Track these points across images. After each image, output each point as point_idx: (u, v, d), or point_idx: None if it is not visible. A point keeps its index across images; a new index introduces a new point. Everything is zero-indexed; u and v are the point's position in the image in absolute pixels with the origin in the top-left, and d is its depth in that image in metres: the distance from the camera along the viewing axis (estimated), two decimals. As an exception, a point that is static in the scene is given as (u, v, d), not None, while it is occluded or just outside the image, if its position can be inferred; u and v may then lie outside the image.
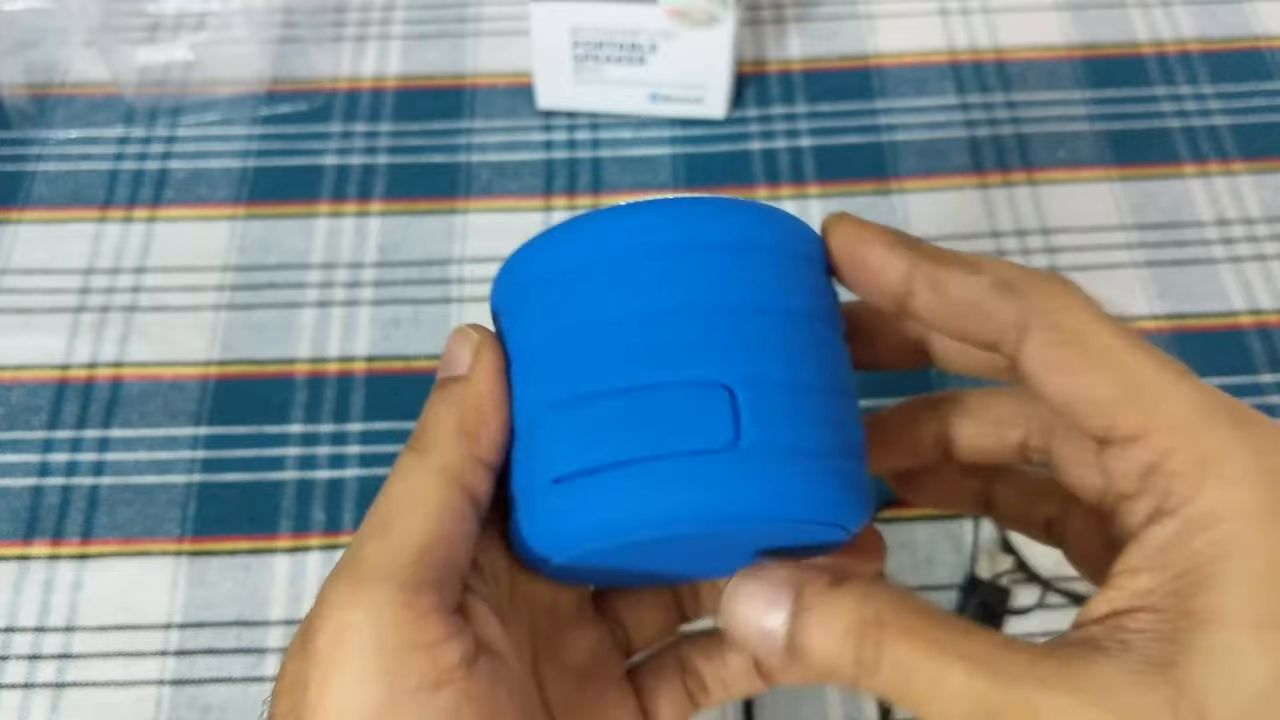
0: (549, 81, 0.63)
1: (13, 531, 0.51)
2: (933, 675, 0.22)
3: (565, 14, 0.59)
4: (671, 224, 0.25)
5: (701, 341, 0.24)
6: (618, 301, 0.24)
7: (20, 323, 0.57)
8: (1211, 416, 0.23)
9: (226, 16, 0.64)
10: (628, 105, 0.63)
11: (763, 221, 0.26)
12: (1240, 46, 0.67)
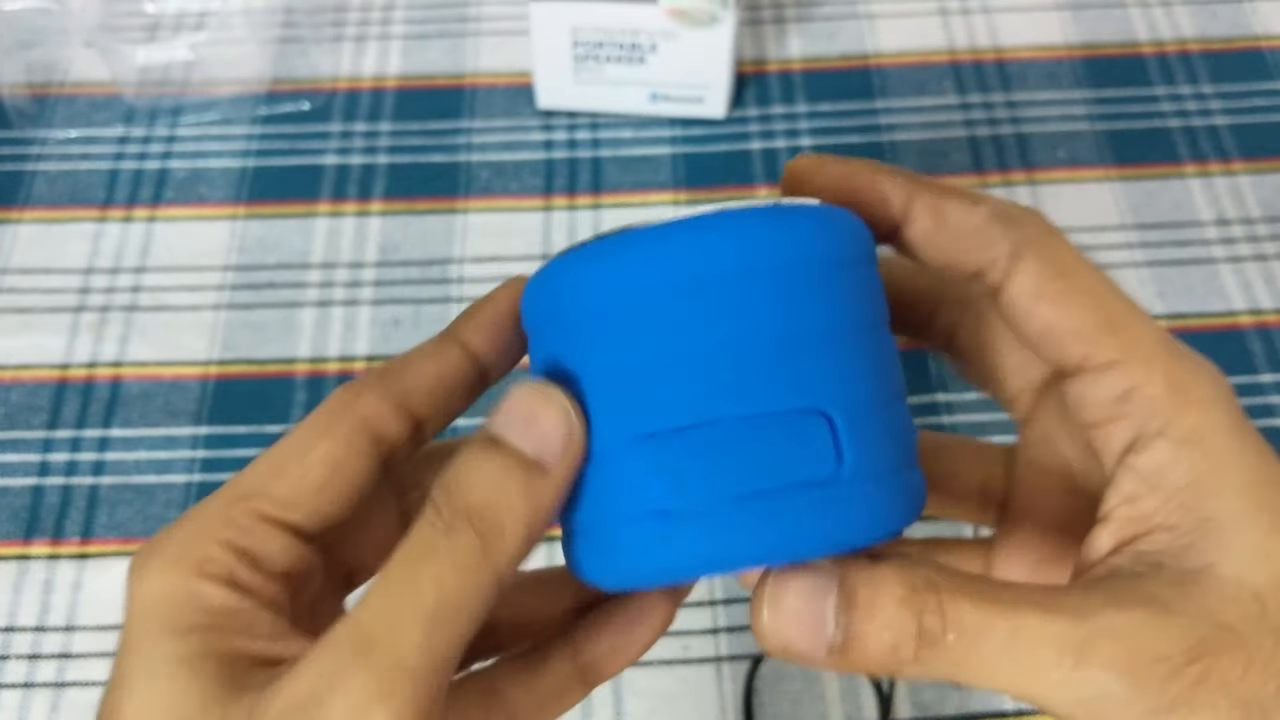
0: (549, 81, 0.62)
1: (13, 531, 0.51)
2: (1007, 628, 0.22)
3: (565, 14, 0.59)
4: (737, 242, 0.23)
5: (791, 366, 0.23)
6: (695, 328, 0.23)
7: (20, 323, 0.57)
8: (1176, 349, 0.25)
9: (226, 16, 0.64)
10: (628, 105, 0.63)
11: (825, 229, 0.24)
12: (1240, 46, 0.67)
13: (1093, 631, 0.22)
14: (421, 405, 0.26)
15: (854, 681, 0.47)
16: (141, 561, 0.25)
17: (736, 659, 0.48)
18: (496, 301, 0.28)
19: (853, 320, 0.24)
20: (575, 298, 0.24)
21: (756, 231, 0.23)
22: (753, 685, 0.47)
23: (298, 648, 0.24)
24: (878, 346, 0.25)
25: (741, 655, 0.48)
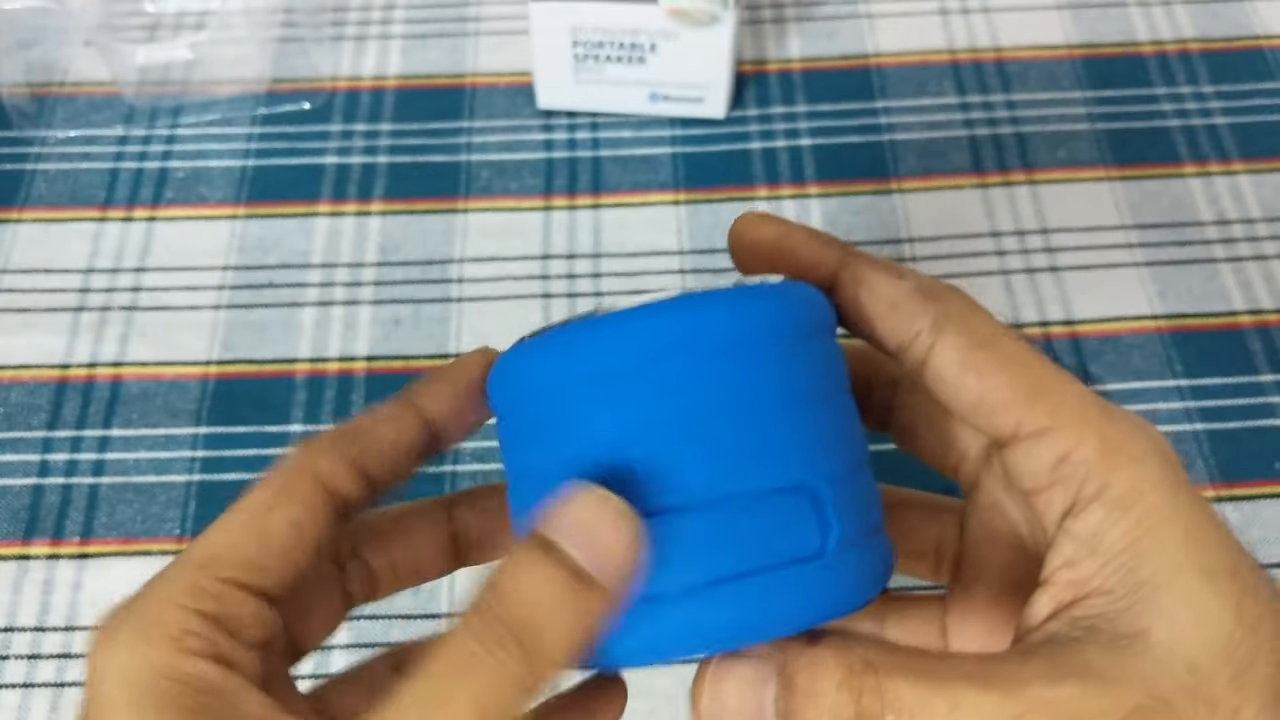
0: (549, 81, 0.63)
1: (12, 531, 0.51)
2: (945, 705, 0.22)
3: (565, 14, 0.59)
4: (704, 325, 0.23)
5: (769, 444, 0.23)
6: (669, 412, 0.23)
7: (20, 323, 0.57)
8: (1108, 410, 0.25)
9: (226, 16, 0.64)
10: (628, 105, 0.63)
11: (785, 306, 0.25)
12: (1240, 46, 0.67)
13: (1027, 706, 0.22)
14: (377, 469, 0.26)
15: (854, 681, 0.47)
16: (108, 635, 0.23)
17: (736, 659, 0.48)
18: (459, 371, 0.28)
19: (821, 391, 0.25)
20: (545, 383, 0.24)
21: (721, 313, 0.23)
22: (753, 685, 0.47)
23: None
24: (845, 414, 0.26)
25: (741, 655, 0.48)
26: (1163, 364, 0.55)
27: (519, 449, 0.25)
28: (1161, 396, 0.54)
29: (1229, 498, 0.52)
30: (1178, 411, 0.54)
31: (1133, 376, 0.55)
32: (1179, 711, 0.22)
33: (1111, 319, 0.57)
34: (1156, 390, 0.54)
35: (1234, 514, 0.51)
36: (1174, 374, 0.55)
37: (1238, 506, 0.51)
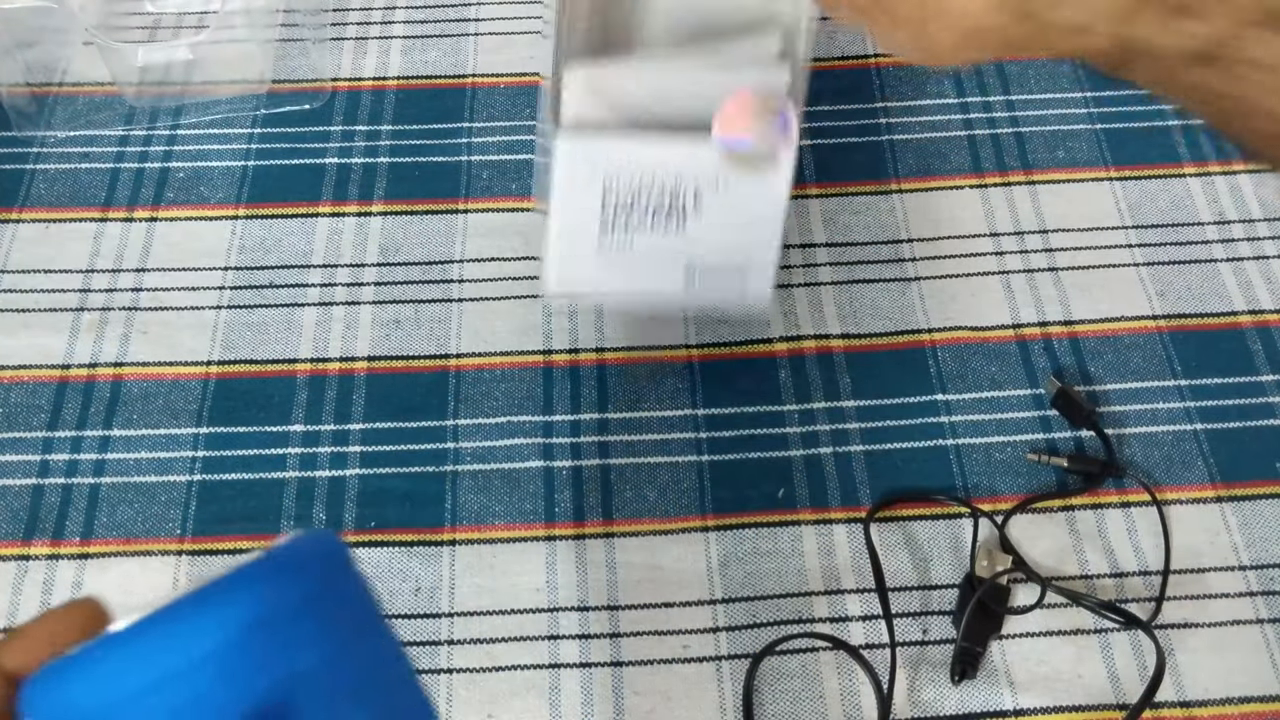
0: (563, 257, 0.51)
1: (13, 531, 0.51)
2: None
3: (598, 154, 0.48)
4: (183, 644, 0.25)
5: (292, 712, 0.25)
6: (208, 701, 0.25)
7: (20, 323, 0.57)
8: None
9: (226, 16, 0.64)
10: (660, 284, 0.53)
11: (293, 571, 0.26)
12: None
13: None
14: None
15: (854, 681, 0.47)
16: None
17: (736, 658, 0.48)
18: (34, 630, 0.28)
19: (332, 648, 0.26)
20: (70, 708, 0.25)
21: (204, 617, 0.25)
22: (752, 684, 0.47)
23: None
24: (367, 652, 0.27)
25: (741, 654, 0.48)
26: (1163, 364, 0.55)
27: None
28: (1161, 396, 0.54)
29: (1229, 498, 0.52)
30: (1178, 411, 0.54)
31: (1133, 376, 0.55)
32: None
33: (1111, 319, 0.57)
34: (1156, 390, 0.54)
35: (1234, 514, 0.51)
36: (1174, 374, 0.55)
37: (1238, 507, 0.51)
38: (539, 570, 0.50)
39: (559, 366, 0.55)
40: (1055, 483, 0.52)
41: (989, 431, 0.53)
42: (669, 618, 0.49)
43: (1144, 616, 0.48)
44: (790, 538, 0.51)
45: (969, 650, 0.47)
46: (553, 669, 0.48)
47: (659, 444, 0.53)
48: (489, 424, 0.54)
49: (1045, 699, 0.47)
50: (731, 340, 0.56)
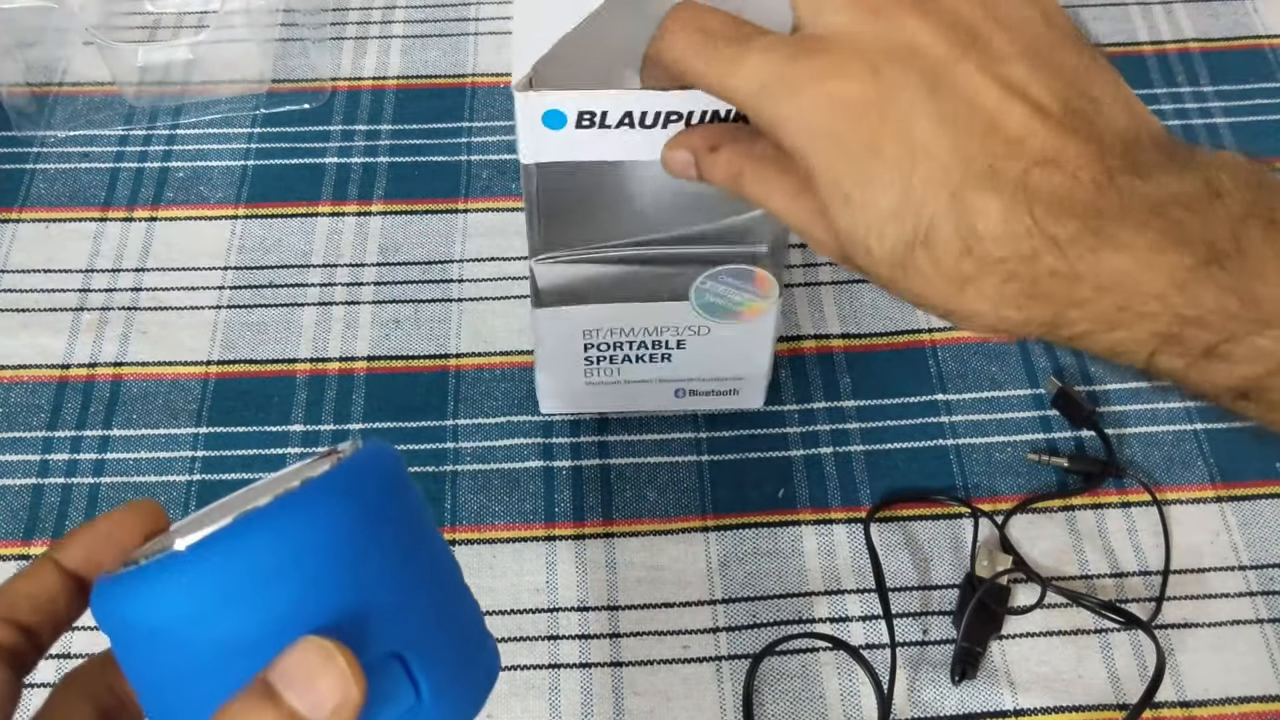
0: (553, 388, 0.53)
1: (12, 531, 0.51)
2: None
3: (575, 318, 0.48)
4: (272, 543, 0.25)
5: (364, 621, 0.25)
6: (274, 620, 0.25)
7: (20, 323, 0.57)
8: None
9: (226, 16, 0.64)
10: (649, 404, 0.53)
11: (341, 497, 0.26)
12: (1240, 46, 0.67)
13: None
14: (28, 618, 0.29)
15: (854, 681, 0.47)
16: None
17: (736, 658, 0.48)
18: (93, 527, 0.30)
19: (400, 555, 0.27)
20: (158, 607, 0.25)
21: (285, 530, 0.25)
22: (752, 684, 0.47)
23: None
24: (427, 564, 0.28)
25: (741, 654, 0.48)
26: (1163, 364, 0.55)
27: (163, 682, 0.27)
28: (1161, 396, 0.54)
29: (1229, 498, 0.52)
30: (1178, 411, 0.54)
31: (1133, 377, 0.55)
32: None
33: (1111, 319, 0.57)
34: (1157, 390, 0.54)
35: (1234, 514, 0.51)
36: (1174, 374, 0.55)
37: (1238, 507, 0.51)
38: (539, 570, 0.50)
39: (559, 366, 0.55)
40: (1055, 483, 0.52)
41: (989, 431, 0.53)
42: (669, 618, 0.49)
43: (1144, 616, 0.48)
44: (790, 538, 0.51)
45: (969, 650, 0.47)
46: (553, 669, 0.48)
47: (659, 444, 0.53)
48: (489, 424, 0.54)
49: (1045, 699, 0.47)
50: (731, 340, 0.56)
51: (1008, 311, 0.29)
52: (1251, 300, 0.27)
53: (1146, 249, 0.27)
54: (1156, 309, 0.27)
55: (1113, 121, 0.29)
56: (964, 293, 0.29)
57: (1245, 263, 0.27)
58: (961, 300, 0.29)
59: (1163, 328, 0.28)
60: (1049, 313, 0.29)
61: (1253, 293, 0.27)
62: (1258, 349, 0.27)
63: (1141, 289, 0.27)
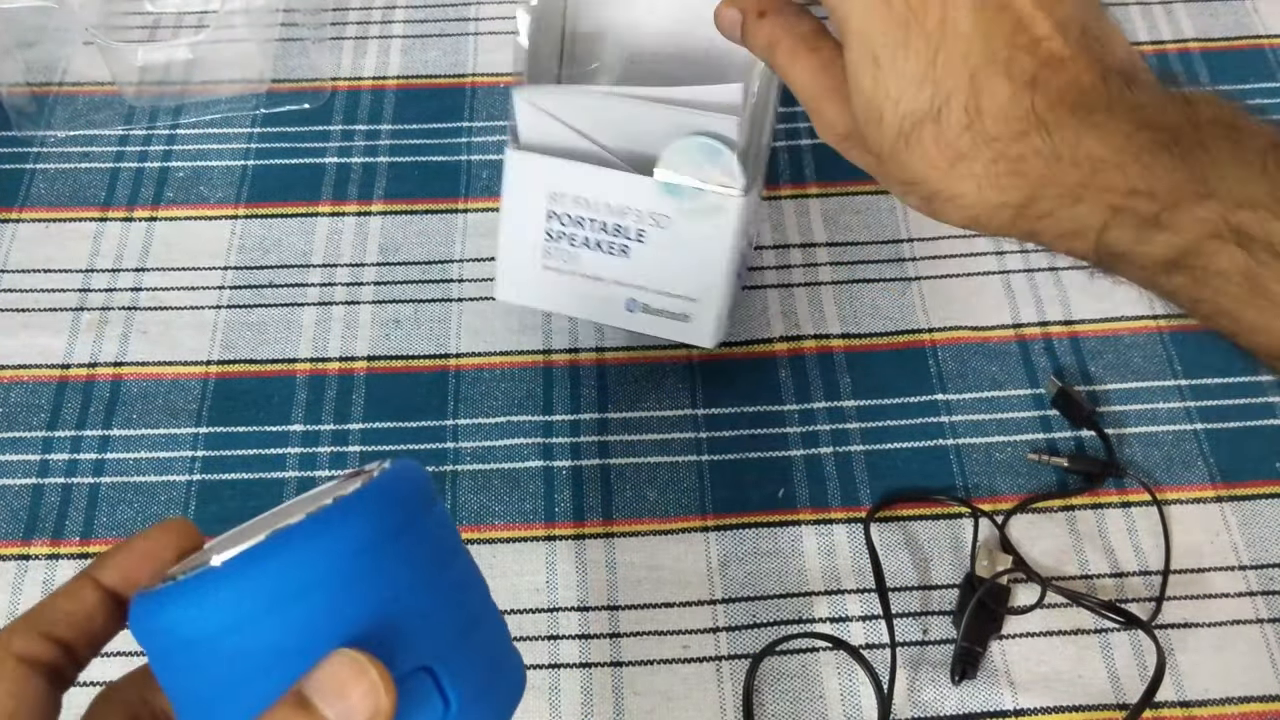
0: (511, 265, 0.52)
1: (12, 531, 0.51)
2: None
3: (544, 171, 0.49)
4: (306, 560, 0.26)
5: (395, 636, 0.26)
6: (309, 637, 0.25)
7: (20, 322, 0.57)
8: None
9: (226, 16, 0.64)
10: (600, 311, 0.53)
11: (373, 513, 0.27)
12: (1240, 46, 0.67)
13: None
14: (67, 634, 0.29)
15: (854, 681, 0.47)
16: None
17: (736, 658, 0.48)
18: (130, 546, 0.30)
19: (431, 569, 0.27)
20: (203, 621, 0.26)
21: (318, 546, 0.26)
22: (752, 684, 0.47)
23: None
24: (460, 577, 0.29)
25: (741, 654, 0.48)
26: (1163, 364, 0.55)
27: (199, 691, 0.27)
28: (1161, 396, 0.54)
29: (1229, 498, 0.52)
30: (1178, 411, 0.54)
31: (1133, 376, 0.55)
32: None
33: (1111, 319, 0.57)
34: (1156, 390, 0.54)
35: (1234, 514, 0.51)
36: (1174, 374, 0.55)
37: (1238, 506, 0.51)
38: (539, 570, 0.50)
39: (559, 366, 0.55)
40: (1055, 483, 0.52)
41: (989, 431, 0.53)
42: (669, 618, 0.49)
43: (1144, 616, 0.48)
44: (790, 538, 0.51)
45: (969, 650, 0.47)
46: (553, 669, 0.48)
47: (659, 444, 0.53)
48: (489, 424, 0.54)
49: (1045, 699, 0.47)
50: (731, 340, 0.56)
51: (988, 192, 0.33)
52: (1199, 175, 0.30)
53: (1118, 133, 0.31)
54: (1116, 180, 0.31)
55: (1116, 52, 0.33)
56: (955, 169, 0.33)
57: (1201, 147, 0.31)
58: (950, 177, 0.33)
59: (1117, 200, 0.31)
60: (1023, 193, 0.33)
61: (1202, 170, 0.30)
62: (1196, 217, 0.30)
63: (1107, 162, 0.31)
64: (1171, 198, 0.31)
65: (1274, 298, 0.30)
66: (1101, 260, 0.33)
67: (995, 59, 0.32)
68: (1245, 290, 0.31)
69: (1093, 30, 0.33)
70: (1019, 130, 0.32)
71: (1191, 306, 0.33)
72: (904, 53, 0.33)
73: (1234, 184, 0.30)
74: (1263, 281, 0.30)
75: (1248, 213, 0.30)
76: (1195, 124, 0.31)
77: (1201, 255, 0.31)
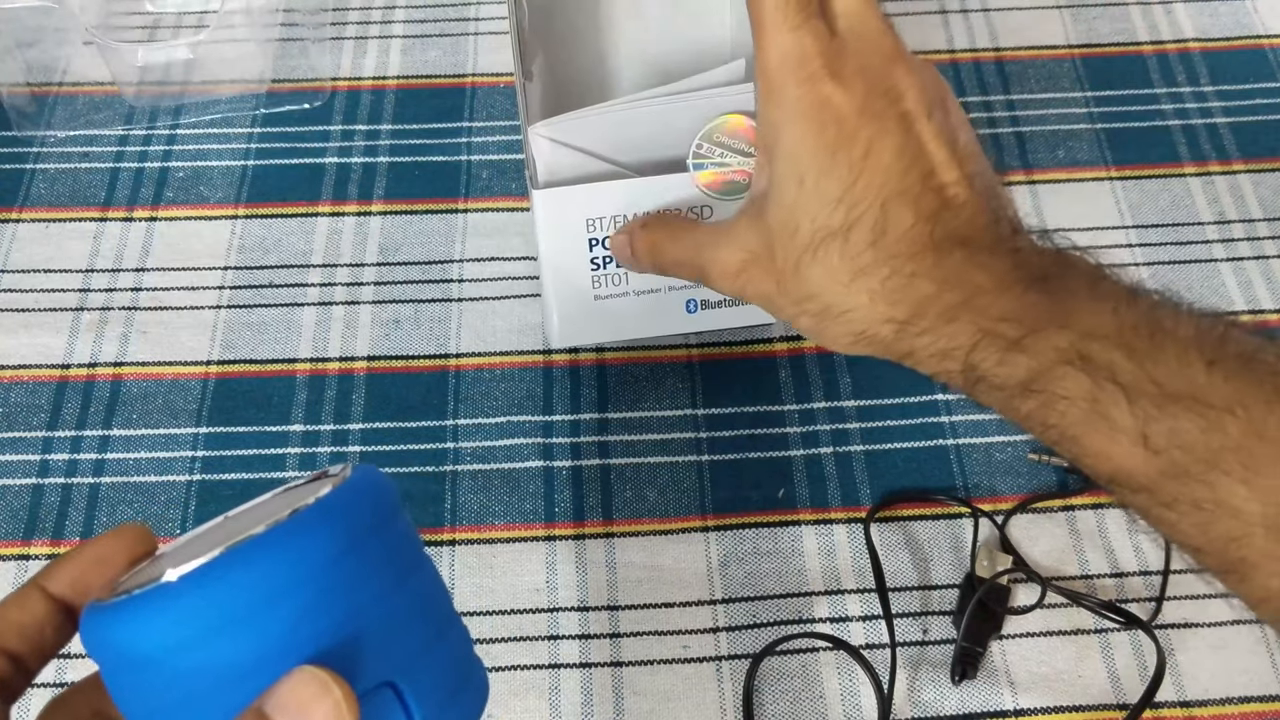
0: (564, 310, 0.51)
1: (12, 531, 0.51)
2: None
3: (577, 200, 0.47)
4: (261, 574, 0.25)
5: (358, 652, 0.26)
6: (267, 649, 0.25)
7: (20, 322, 0.57)
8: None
9: (226, 16, 0.64)
10: (663, 326, 0.52)
11: (332, 526, 0.26)
12: (1240, 45, 0.67)
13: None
14: (16, 645, 0.29)
15: (854, 681, 0.47)
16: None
17: (736, 658, 0.48)
18: (81, 553, 0.30)
19: (392, 581, 0.27)
20: (156, 632, 0.25)
21: (278, 560, 0.25)
22: (752, 684, 0.47)
23: None
24: (418, 590, 0.28)
25: (741, 654, 0.48)
26: (1163, 364, 0.55)
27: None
28: (1161, 396, 0.54)
29: (1229, 497, 0.52)
30: (1178, 411, 0.54)
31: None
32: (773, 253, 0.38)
33: (1111, 319, 0.57)
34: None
35: (1234, 514, 0.51)
36: (1174, 374, 0.55)
37: (1238, 506, 0.51)
38: (539, 570, 0.50)
39: (559, 366, 0.55)
40: (1055, 483, 0.52)
41: (989, 431, 0.53)
42: (669, 618, 0.49)
43: (1144, 616, 0.48)
44: (790, 538, 0.51)
45: (969, 650, 0.47)
46: (553, 669, 0.48)
47: (659, 444, 0.53)
48: (489, 424, 0.54)
49: (1045, 699, 0.47)
50: (731, 340, 0.56)
51: (880, 305, 0.37)
52: (1060, 309, 0.35)
53: (998, 268, 0.36)
54: (989, 306, 0.35)
55: (1008, 208, 0.38)
56: (854, 283, 0.37)
57: (1065, 289, 0.35)
58: (848, 291, 0.37)
59: (987, 324, 0.35)
60: (909, 309, 0.36)
61: (1063, 305, 0.35)
62: (1051, 343, 0.34)
63: (985, 289, 0.35)
64: (1033, 325, 0.35)
65: (1112, 422, 0.33)
66: (966, 380, 0.36)
67: (906, 193, 0.36)
68: (1087, 414, 0.34)
69: (993, 186, 0.38)
70: (916, 251, 0.36)
71: (1042, 431, 0.36)
72: (828, 177, 0.37)
73: (1087, 318, 0.34)
74: (1103, 406, 0.33)
75: (1095, 343, 0.34)
76: (1062, 271, 0.36)
77: (1053, 379, 0.34)
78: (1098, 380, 0.33)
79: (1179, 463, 0.33)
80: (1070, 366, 0.34)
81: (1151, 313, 0.34)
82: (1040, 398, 0.35)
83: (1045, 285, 0.35)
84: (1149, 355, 0.33)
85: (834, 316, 0.38)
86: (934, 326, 0.36)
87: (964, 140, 0.38)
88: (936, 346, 0.36)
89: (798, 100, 0.37)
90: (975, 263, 0.36)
